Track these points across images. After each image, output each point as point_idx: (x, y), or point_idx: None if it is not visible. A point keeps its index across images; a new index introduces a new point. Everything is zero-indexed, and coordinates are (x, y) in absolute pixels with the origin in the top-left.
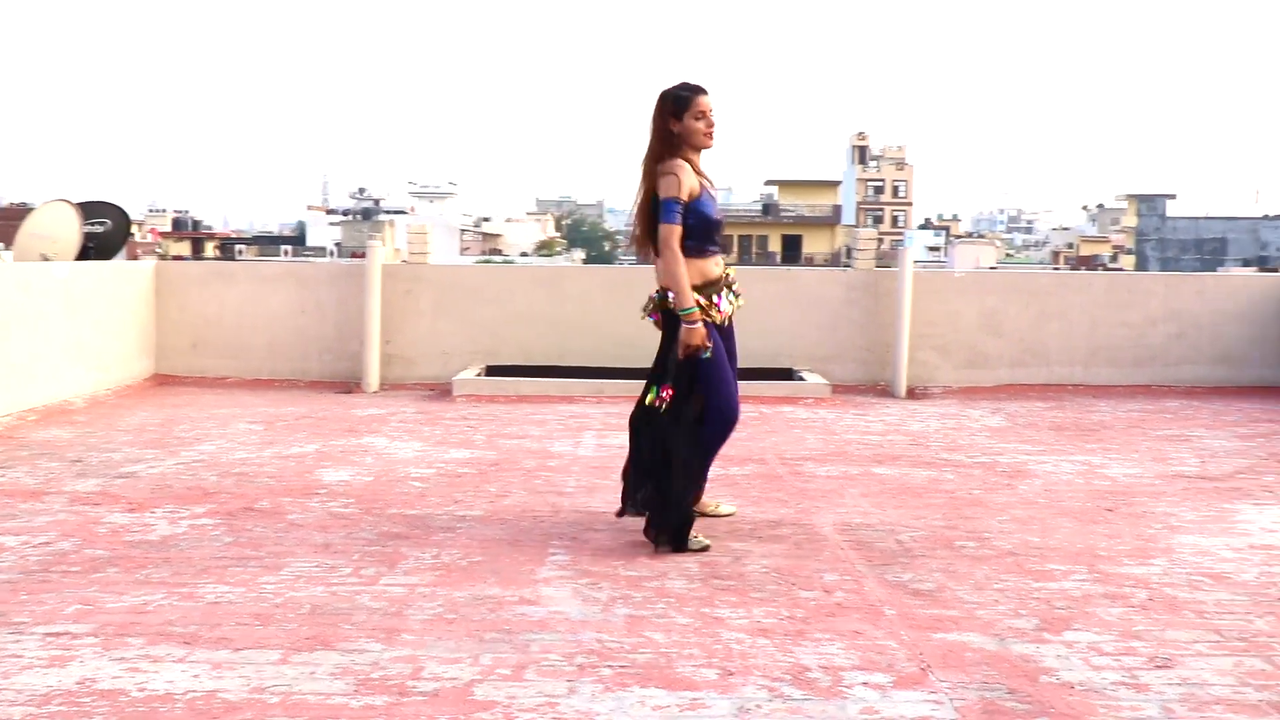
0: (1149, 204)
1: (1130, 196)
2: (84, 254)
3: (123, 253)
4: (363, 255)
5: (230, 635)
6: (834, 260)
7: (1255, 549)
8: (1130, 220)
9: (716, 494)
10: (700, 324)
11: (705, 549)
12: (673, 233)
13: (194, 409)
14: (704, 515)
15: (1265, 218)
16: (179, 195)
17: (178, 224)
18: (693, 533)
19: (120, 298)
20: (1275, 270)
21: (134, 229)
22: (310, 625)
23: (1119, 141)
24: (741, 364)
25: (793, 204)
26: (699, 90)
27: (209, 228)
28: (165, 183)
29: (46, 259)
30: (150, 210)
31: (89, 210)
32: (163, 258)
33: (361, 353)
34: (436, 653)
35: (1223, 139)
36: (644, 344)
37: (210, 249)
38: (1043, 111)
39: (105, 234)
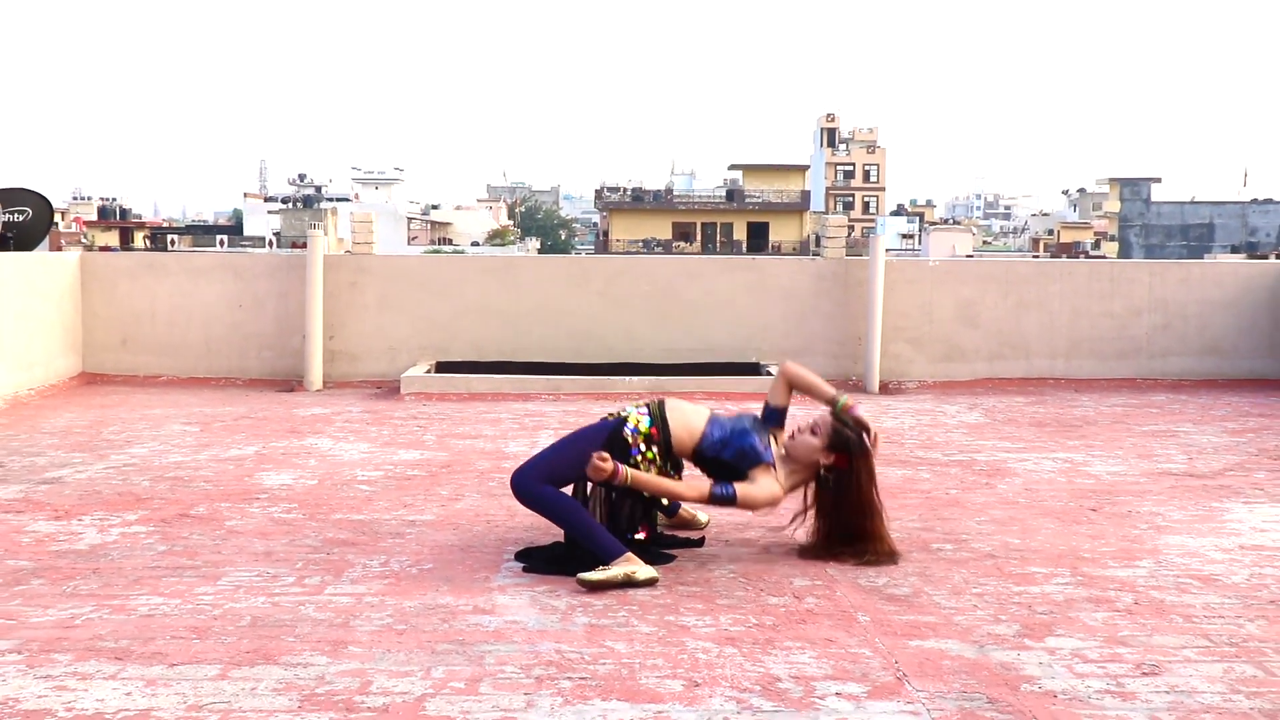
0: (1132, 188)
1: (1113, 180)
2: (3, 244)
3: (45, 243)
4: (304, 245)
5: (165, 650)
6: (802, 249)
7: (1246, 550)
8: (1113, 205)
9: None
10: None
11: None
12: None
13: (124, 409)
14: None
15: (1254, 202)
16: (105, 181)
17: (104, 212)
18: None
19: (43, 291)
20: (1265, 257)
21: (57, 218)
22: (251, 638)
23: (1100, 122)
24: (707, 358)
25: (758, 189)
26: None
27: (138, 216)
28: (90, 168)
29: None
30: (74, 198)
31: (8, 198)
32: (89, 248)
33: (303, 349)
34: (386, 666)
35: (1209, 119)
36: (603, 337)
37: (140, 239)
38: (1020, 91)
39: (26, 223)
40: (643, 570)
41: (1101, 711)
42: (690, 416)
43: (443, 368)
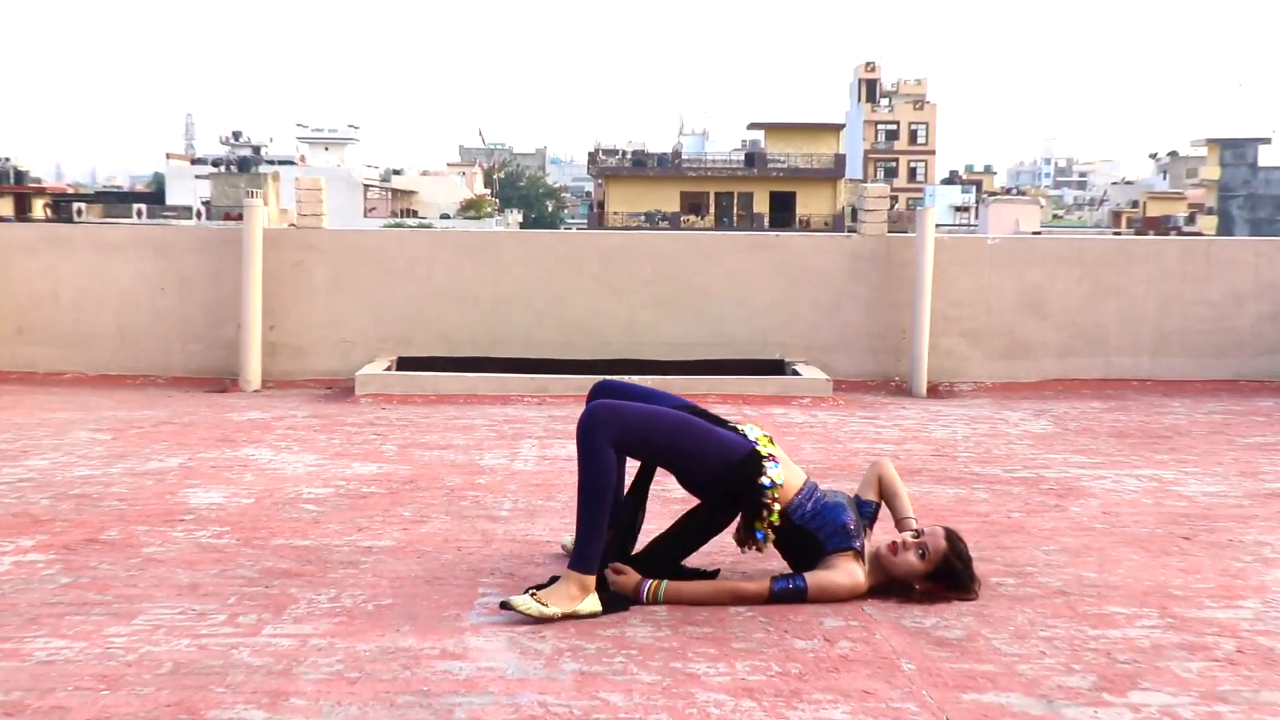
0: (1235, 150)
1: (1211, 142)
2: None
3: None
4: (239, 217)
5: (67, 703)
6: (835, 224)
7: None
8: (1211, 172)
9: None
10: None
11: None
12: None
13: (19, 412)
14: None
15: None
16: None
17: None
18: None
19: None
20: None
21: None
22: (172, 689)
23: (1196, 73)
24: (721, 354)
25: (784, 153)
26: None
27: (37, 180)
28: None
29: None
30: None
31: None
32: None
33: (239, 341)
34: None
35: None
36: (597, 329)
37: (39, 208)
38: (1099, 37)
39: None
40: (586, 605)
41: None
42: (791, 476)
43: (406, 364)
